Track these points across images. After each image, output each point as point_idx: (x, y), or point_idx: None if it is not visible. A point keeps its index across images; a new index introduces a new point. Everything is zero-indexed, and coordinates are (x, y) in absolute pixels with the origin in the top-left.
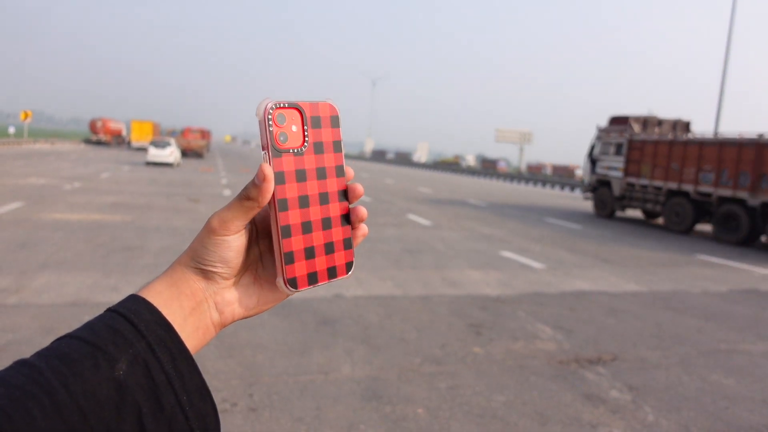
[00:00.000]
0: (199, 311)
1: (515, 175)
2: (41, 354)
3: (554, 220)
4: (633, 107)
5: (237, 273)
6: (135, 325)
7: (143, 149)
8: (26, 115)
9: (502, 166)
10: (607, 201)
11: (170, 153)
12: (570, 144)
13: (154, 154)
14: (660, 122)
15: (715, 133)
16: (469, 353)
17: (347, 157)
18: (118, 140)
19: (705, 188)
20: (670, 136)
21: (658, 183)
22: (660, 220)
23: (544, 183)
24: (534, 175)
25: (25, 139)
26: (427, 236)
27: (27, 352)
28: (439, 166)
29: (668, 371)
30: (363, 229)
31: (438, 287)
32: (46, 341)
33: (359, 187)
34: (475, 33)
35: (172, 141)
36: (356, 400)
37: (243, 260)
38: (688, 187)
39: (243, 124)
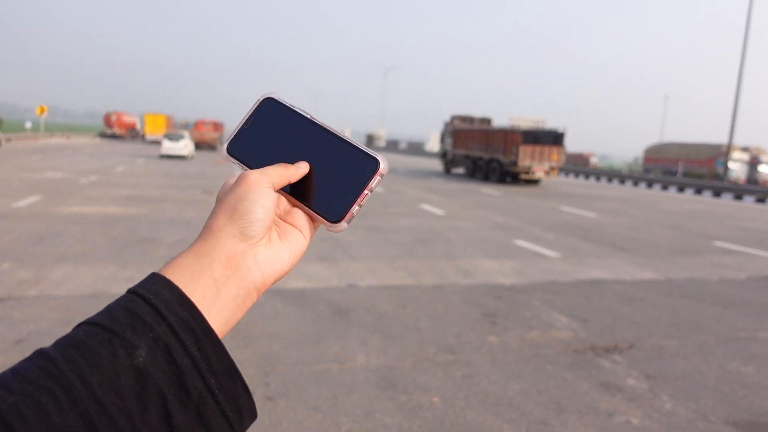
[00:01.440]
0: (238, 276)
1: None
2: (58, 343)
3: (569, 209)
4: (646, 95)
5: (270, 227)
6: (155, 306)
7: (157, 142)
8: (42, 110)
9: None
10: (447, 163)
11: (184, 146)
12: (585, 132)
13: (168, 147)
14: (473, 119)
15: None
16: (484, 342)
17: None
18: (133, 133)
19: (483, 154)
20: (467, 127)
21: (464, 152)
22: (461, 170)
23: (558, 171)
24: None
25: (42, 134)
26: (441, 226)
27: (47, 343)
28: None
29: (686, 359)
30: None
31: (452, 276)
32: (65, 332)
33: None
34: (487, 20)
35: (186, 134)
36: (371, 389)
37: (273, 217)
38: (476, 154)
39: None
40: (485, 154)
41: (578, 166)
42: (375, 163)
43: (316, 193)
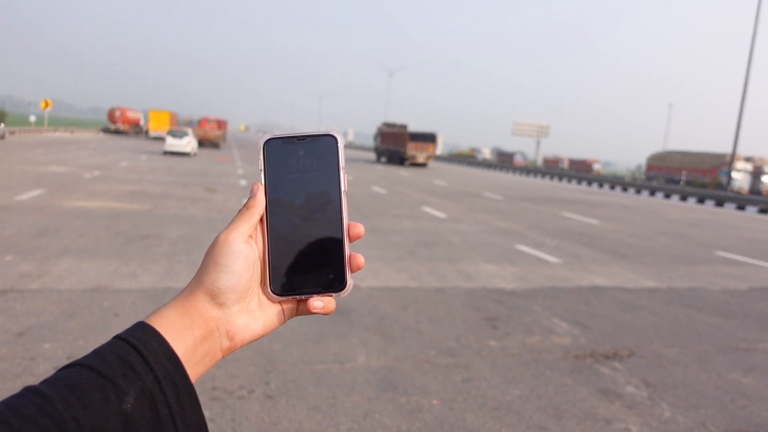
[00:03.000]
0: (210, 339)
1: (531, 169)
2: (52, 383)
3: (571, 215)
4: (647, 101)
5: (245, 296)
6: (144, 357)
7: (160, 138)
8: (47, 104)
9: (518, 159)
10: (378, 155)
11: (187, 143)
12: (588, 138)
13: (172, 143)
14: (395, 125)
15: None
16: (484, 346)
17: (364, 149)
18: (136, 129)
19: (394, 148)
20: (387, 130)
21: (385, 147)
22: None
23: (560, 177)
24: (550, 168)
25: (46, 128)
26: (443, 229)
27: (49, 336)
28: (454, 158)
29: (686, 368)
30: (358, 259)
31: (453, 280)
32: (67, 326)
33: (359, 227)
34: (494, 25)
35: (189, 131)
36: (371, 390)
37: (250, 282)
38: (392, 148)
39: (258, 114)
40: (394, 148)
41: (581, 172)
42: (332, 139)
43: (302, 276)
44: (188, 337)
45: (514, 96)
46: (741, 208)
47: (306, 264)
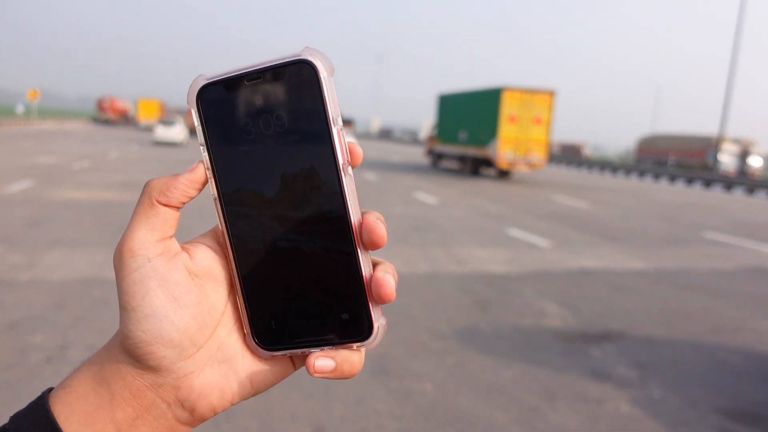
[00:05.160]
0: (151, 417)
1: None
2: None
3: (561, 199)
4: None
5: (199, 342)
6: None
7: (151, 128)
8: (34, 95)
9: None
10: None
11: (178, 132)
12: (578, 122)
13: (162, 133)
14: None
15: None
16: (476, 330)
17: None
18: (126, 119)
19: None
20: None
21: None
22: None
23: (550, 161)
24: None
25: (34, 119)
26: (434, 214)
27: (40, 327)
28: None
29: (675, 348)
30: (384, 284)
31: (445, 264)
32: (58, 317)
33: (377, 227)
34: (482, 10)
35: (180, 119)
36: (364, 375)
37: (203, 317)
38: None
39: None
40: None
41: (570, 155)
42: (306, 68)
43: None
44: (105, 422)
45: (505, 78)
46: (728, 189)
47: (301, 299)
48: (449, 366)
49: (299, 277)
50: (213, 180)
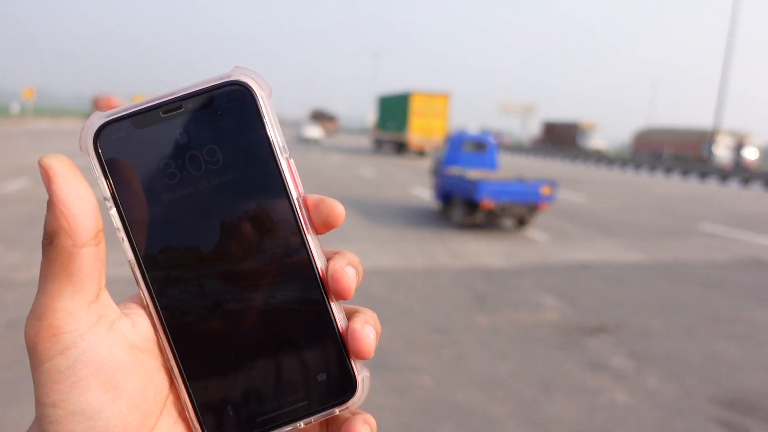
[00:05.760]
0: None
1: (517, 147)
2: None
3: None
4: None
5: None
6: None
7: None
8: (30, 93)
9: (505, 138)
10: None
11: None
12: (575, 114)
13: None
14: (322, 112)
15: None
16: (474, 323)
17: (348, 131)
18: None
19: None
20: (316, 115)
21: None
22: None
23: (545, 155)
24: (537, 147)
25: (30, 118)
26: (431, 208)
27: None
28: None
29: (671, 339)
30: (360, 338)
31: (442, 259)
32: None
33: (346, 271)
34: (478, 3)
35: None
36: None
37: (147, 405)
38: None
39: None
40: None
41: (566, 148)
42: (241, 92)
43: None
44: None
45: (502, 72)
46: (723, 181)
47: (264, 370)
48: (447, 359)
49: (258, 342)
50: (127, 242)
